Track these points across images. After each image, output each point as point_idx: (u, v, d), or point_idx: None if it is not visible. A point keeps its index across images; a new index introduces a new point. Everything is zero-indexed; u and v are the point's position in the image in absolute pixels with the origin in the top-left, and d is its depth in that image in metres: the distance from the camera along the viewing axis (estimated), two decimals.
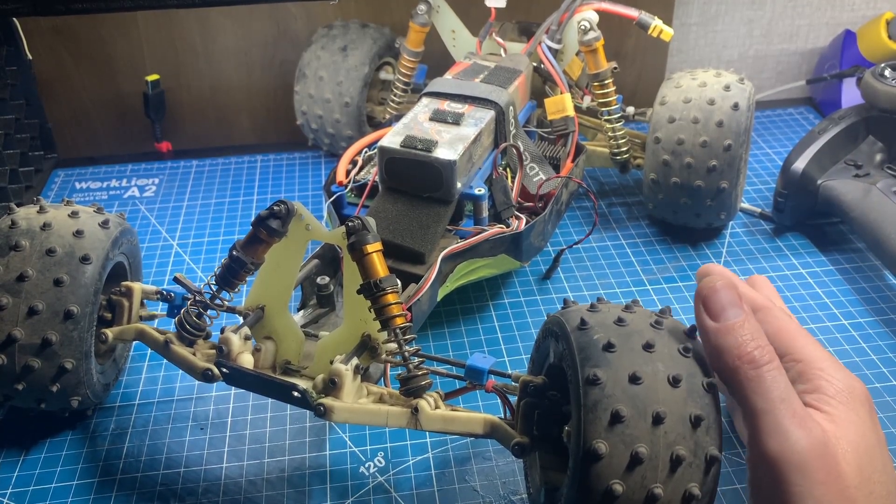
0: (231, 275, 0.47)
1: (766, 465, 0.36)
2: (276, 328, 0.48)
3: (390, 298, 0.43)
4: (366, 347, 0.45)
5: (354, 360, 0.44)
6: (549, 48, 0.69)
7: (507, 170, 0.64)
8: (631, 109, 0.75)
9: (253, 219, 0.45)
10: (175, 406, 0.56)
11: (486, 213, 0.60)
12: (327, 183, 0.63)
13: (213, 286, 0.48)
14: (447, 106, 0.61)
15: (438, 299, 0.56)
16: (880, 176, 0.68)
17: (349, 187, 0.62)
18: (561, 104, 0.68)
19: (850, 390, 0.38)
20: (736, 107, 0.65)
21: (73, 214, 0.51)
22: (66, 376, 0.49)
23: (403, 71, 0.77)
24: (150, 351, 0.58)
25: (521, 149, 0.62)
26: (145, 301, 0.54)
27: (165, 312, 0.54)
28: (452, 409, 0.43)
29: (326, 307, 0.55)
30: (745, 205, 0.76)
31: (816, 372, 0.39)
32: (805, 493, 0.34)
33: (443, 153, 0.56)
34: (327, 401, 0.43)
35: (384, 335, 0.45)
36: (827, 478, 0.35)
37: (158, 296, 0.53)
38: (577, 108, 0.74)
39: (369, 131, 0.78)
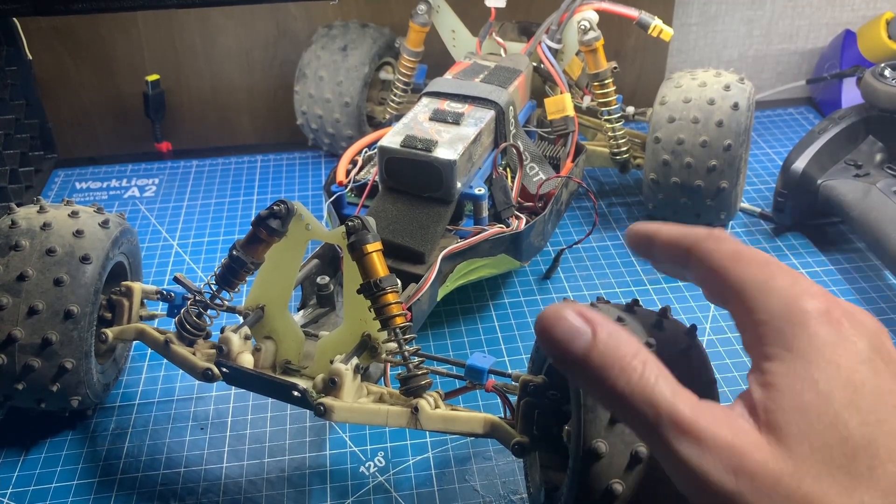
0: (231, 275, 0.47)
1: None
2: (276, 328, 0.48)
3: (390, 298, 0.43)
4: (366, 347, 0.45)
5: (354, 360, 0.44)
6: (549, 48, 0.69)
7: (507, 170, 0.64)
8: (631, 109, 0.75)
9: (253, 219, 0.45)
10: (175, 406, 0.56)
11: (486, 213, 0.60)
12: (327, 183, 0.63)
13: (213, 286, 0.48)
14: (447, 106, 0.61)
15: (438, 299, 0.56)
16: (880, 176, 0.68)
17: (349, 187, 0.62)
18: (561, 104, 0.68)
19: (790, 320, 0.26)
20: (736, 107, 0.65)
21: (73, 214, 0.51)
22: (66, 376, 0.49)
23: (403, 71, 0.77)
24: (150, 351, 0.58)
25: (521, 149, 0.62)
26: (145, 301, 0.54)
27: (165, 312, 0.54)
28: (452, 409, 0.43)
29: (326, 307, 0.55)
30: (745, 205, 0.75)
31: (763, 325, 0.27)
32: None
33: (443, 153, 0.56)
34: (327, 400, 0.43)
35: (384, 335, 0.45)
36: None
37: (158, 296, 0.53)
38: (577, 108, 0.74)
39: (369, 131, 0.78)
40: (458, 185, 0.57)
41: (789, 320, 0.27)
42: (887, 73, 0.70)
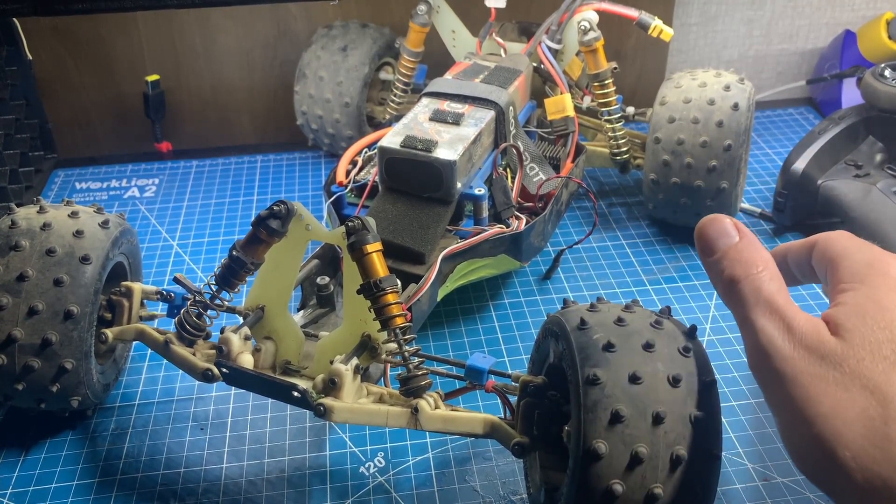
0: (231, 275, 0.47)
1: (758, 369, 0.33)
2: (276, 328, 0.48)
3: (390, 298, 0.43)
4: (366, 347, 0.45)
5: (354, 360, 0.44)
6: (549, 48, 0.69)
7: (507, 170, 0.64)
8: (631, 109, 0.75)
9: (253, 219, 0.45)
10: (175, 406, 0.56)
11: (486, 214, 0.60)
12: (327, 183, 0.63)
13: (213, 286, 0.48)
14: (447, 106, 0.61)
15: (438, 299, 0.56)
16: (880, 176, 0.68)
17: (349, 187, 0.62)
18: (561, 104, 0.68)
19: (868, 266, 0.34)
20: (736, 107, 0.65)
21: (73, 214, 0.51)
22: (66, 376, 0.49)
23: (403, 71, 0.77)
24: (150, 351, 0.58)
25: (521, 149, 0.62)
26: (145, 301, 0.54)
27: (165, 312, 0.54)
28: (452, 409, 0.43)
29: (326, 307, 0.55)
30: (745, 205, 0.76)
31: (836, 275, 0.35)
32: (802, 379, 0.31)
33: (443, 153, 0.56)
34: (327, 401, 0.43)
35: (384, 335, 0.45)
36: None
37: (158, 296, 0.53)
38: (577, 108, 0.74)
39: (369, 131, 0.78)
40: (458, 185, 0.57)
41: (869, 265, 0.33)
42: (887, 73, 0.70)
